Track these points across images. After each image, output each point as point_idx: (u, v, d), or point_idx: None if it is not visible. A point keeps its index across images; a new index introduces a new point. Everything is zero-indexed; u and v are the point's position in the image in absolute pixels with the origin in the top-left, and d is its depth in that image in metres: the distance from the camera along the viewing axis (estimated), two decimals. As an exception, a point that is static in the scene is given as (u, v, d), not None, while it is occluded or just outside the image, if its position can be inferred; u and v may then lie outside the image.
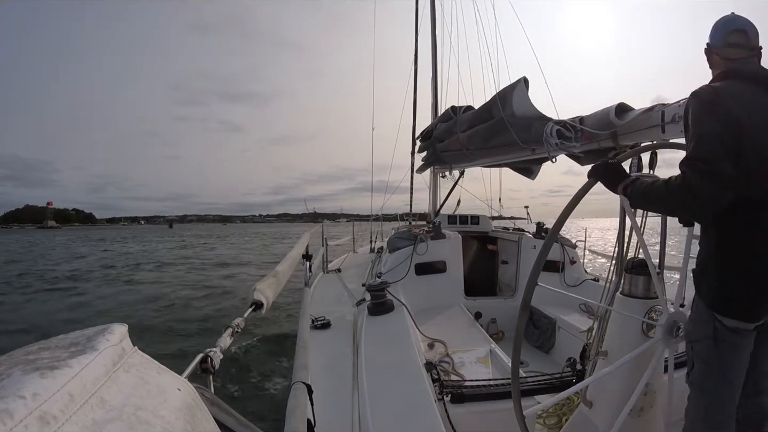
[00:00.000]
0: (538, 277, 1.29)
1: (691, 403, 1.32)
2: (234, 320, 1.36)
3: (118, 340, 0.55)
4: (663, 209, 1.30)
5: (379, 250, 4.72)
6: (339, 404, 1.68)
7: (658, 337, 1.42)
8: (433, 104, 6.16)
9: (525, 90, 2.70)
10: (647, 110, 1.68)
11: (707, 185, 1.08)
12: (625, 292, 1.61)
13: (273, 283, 1.85)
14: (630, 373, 1.48)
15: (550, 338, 3.34)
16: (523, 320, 1.34)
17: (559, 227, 1.36)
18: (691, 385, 1.31)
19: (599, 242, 16.46)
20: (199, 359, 1.07)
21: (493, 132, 2.96)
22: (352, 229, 6.29)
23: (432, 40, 6.14)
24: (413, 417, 1.50)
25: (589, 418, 1.68)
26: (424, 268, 3.56)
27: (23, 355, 0.48)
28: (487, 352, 2.46)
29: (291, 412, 0.89)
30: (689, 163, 1.12)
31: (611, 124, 1.82)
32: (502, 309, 3.88)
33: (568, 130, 2.08)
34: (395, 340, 2.22)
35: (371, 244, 6.26)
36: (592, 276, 3.94)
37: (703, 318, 1.25)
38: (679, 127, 1.53)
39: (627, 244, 1.81)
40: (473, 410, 1.86)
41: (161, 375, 0.58)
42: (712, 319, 1.21)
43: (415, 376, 1.77)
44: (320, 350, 2.17)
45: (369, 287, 2.81)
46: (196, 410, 0.58)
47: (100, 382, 0.47)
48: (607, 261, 3.46)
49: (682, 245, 1.49)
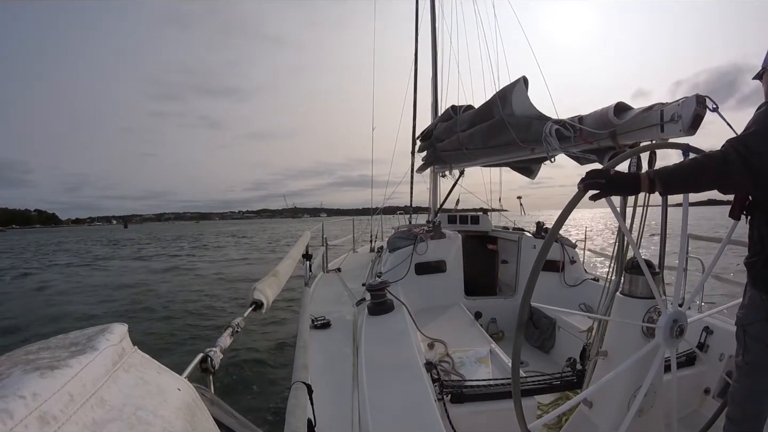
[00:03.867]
0: (537, 277, 1.29)
1: (739, 384, 1.46)
2: (234, 320, 1.36)
3: (118, 340, 0.55)
4: (699, 180, 1.34)
5: (379, 250, 4.72)
6: (339, 404, 1.68)
7: (659, 338, 1.42)
8: (432, 104, 6.16)
9: (524, 89, 2.70)
10: (646, 109, 1.68)
11: (740, 164, 1.22)
12: (624, 292, 1.61)
13: (273, 282, 1.85)
14: (630, 373, 1.48)
15: (550, 338, 3.34)
16: (523, 320, 1.34)
17: (559, 227, 1.35)
18: (744, 365, 1.44)
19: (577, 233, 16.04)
20: (199, 359, 1.07)
21: (493, 131, 2.96)
22: (352, 228, 6.28)
23: (432, 40, 6.14)
24: (413, 417, 1.50)
25: (589, 418, 1.68)
26: (424, 268, 3.56)
27: (23, 355, 0.48)
28: (487, 352, 2.46)
29: (291, 412, 0.89)
30: (735, 143, 1.26)
31: (610, 124, 1.82)
32: (502, 309, 3.88)
33: (567, 129, 2.08)
34: (395, 340, 2.22)
35: (371, 243, 6.26)
36: (592, 276, 3.94)
37: (756, 303, 1.41)
38: (677, 127, 1.53)
39: (627, 244, 1.81)
40: (473, 410, 1.86)
41: (161, 375, 0.58)
42: (766, 303, 1.37)
43: (415, 376, 1.77)
44: (320, 350, 2.17)
45: (369, 287, 2.81)
46: (196, 410, 0.58)
47: (100, 382, 0.47)
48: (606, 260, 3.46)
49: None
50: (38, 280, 13.93)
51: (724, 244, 1.67)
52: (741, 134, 1.31)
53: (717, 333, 2.31)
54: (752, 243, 1.44)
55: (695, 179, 1.31)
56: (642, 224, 1.71)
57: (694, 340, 2.35)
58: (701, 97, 1.47)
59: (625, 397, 1.48)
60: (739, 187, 1.36)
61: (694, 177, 1.31)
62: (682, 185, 1.37)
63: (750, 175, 1.23)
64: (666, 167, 1.33)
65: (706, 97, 1.47)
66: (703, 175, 1.28)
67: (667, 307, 1.45)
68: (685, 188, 1.40)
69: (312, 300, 3.06)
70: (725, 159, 1.23)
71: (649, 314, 1.50)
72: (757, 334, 1.41)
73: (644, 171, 1.40)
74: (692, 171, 1.30)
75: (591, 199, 1.33)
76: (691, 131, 1.51)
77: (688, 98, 1.50)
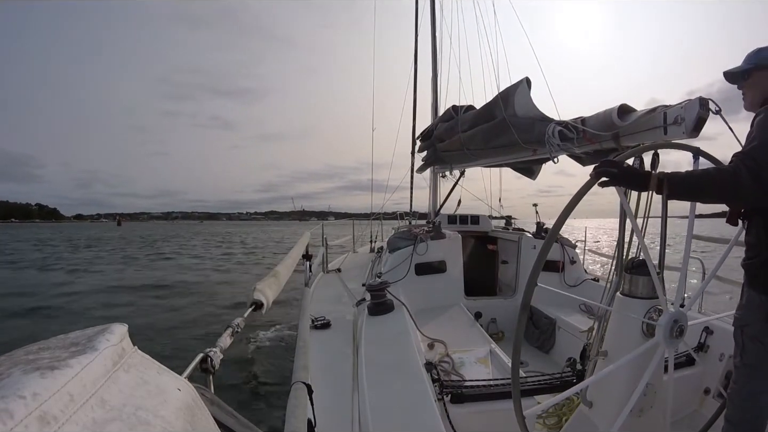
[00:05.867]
0: (537, 277, 1.29)
1: (738, 384, 1.46)
2: (234, 320, 1.36)
3: (118, 340, 0.55)
4: (706, 193, 1.36)
5: (379, 250, 4.72)
6: (339, 404, 1.68)
7: (659, 338, 1.42)
8: (433, 104, 6.15)
9: (527, 90, 2.69)
10: (649, 111, 1.68)
11: (750, 181, 1.23)
12: (625, 292, 1.60)
13: (273, 283, 1.85)
14: (630, 373, 1.48)
15: (550, 338, 3.34)
16: (523, 320, 1.34)
17: (559, 227, 1.35)
18: (742, 366, 1.45)
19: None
20: (199, 359, 1.07)
21: (495, 132, 2.95)
22: (352, 229, 6.28)
23: (432, 40, 6.15)
24: (413, 417, 1.50)
25: (589, 418, 1.68)
26: (424, 268, 3.56)
27: (23, 355, 0.48)
28: (487, 352, 2.46)
29: (291, 412, 0.89)
30: (743, 157, 1.26)
31: (613, 125, 1.82)
32: (502, 309, 3.88)
33: (570, 131, 2.08)
34: (395, 340, 2.22)
35: (371, 244, 6.26)
36: (592, 276, 3.94)
37: (754, 303, 1.42)
38: (680, 129, 1.52)
39: (627, 244, 1.80)
40: (473, 410, 1.86)
41: (161, 375, 0.58)
42: (764, 304, 1.38)
43: (415, 376, 1.77)
44: (320, 350, 2.17)
45: (369, 287, 2.81)
46: (196, 410, 0.58)
47: (100, 382, 0.47)
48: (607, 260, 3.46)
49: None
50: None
51: (730, 248, 1.67)
52: (747, 148, 1.31)
53: (717, 333, 2.31)
54: (749, 245, 1.46)
55: (703, 191, 1.33)
56: (644, 224, 1.71)
57: (694, 342, 2.35)
58: (704, 99, 1.47)
59: (625, 397, 1.47)
60: (747, 202, 1.38)
61: (702, 189, 1.32)
62: (689, 194, 1.38)
63: (760, 188, 1.23)
64: (677, 173, 1.33)
65: (710, 100, 1.47)
66: (711, 188, 1.30)
67: (668, 307, 1.45)
68: (691, 197, 1.42)
69: (312, 300, 3.06)
70: (736, 175, 1.24)
71: (649, 314, 1.50)
72: (754, 334, 1.42)
73: (655, 172, 1.41)
74: (701, 183, 1.30)
75: (600, 185, 1.34)
76: (694, 134, 1.51)
77: (692, 101, 1.50)
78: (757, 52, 1.47)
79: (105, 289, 10.53)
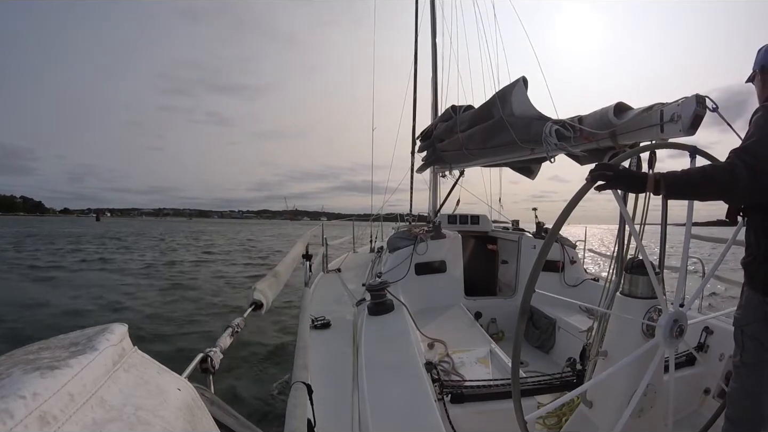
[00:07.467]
0: (537, 277, 1.29)
1: (738, 384, 1.46)
2: (234, 320, 1.36)
3: (118, 340, 0.55)
4: (704, 190, 1.37)
5: (379, 250, 4.71)
6: (339, 404, 1.68)
7: (659, 338, 1.43)
8: (433, 104, 6.15)
9: (524, 90, 2.70)
10: (646, 109, 1.68)
11: (747, 176, 1.22)
12: (624, 292, 1.61)
13: (273, 283, 1.85)
14: (630, 373, 1.48)
15: (550, 338, 3.34)
16: (523, 320, 1.34)
17: (559, 227, 1.36)
18: (742, 366, 1.45)
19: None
20: (199, 359, 1.07)
21: (493, 132, 2.96)
22: (352, 229, 6.28)
23: (432, 40, 6.14)
24: (413, 417, 1.50)
25: (589, 418, 1.68)
26: (424, 268, 3.56)
27: (23, 355, 0.48)
28: (487, 352, 2.46)
29: (291, 412, 0.89)
30: (740, 153, 1.26)
31: (610, 124, 1.82)
32: (502, 309, 3.87)
33: (567, 129, 2.08)
34: (395, 340, 2.22)
35: (371, 244, 6.25)
36: (592, 276, 3.94)
37: (753, 303, 1.42)
38: (677, 127, 1.53)
39: (627, 244, 1.81)
40: (473, 410, 1.86)
41: (161, 375, 0.58)
42: (763, 303, 1.38)
43: (415, 376, 1.77)
44: (320, 350, 2.17)
45: (369, 287, 2.80)
46: (196, 410, 0.58)
47: (100, 382, 0.47)
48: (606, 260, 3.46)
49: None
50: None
51: (728, 247, 1.67)
52: (745, 144, 1.31)
53: (717, 333, 2.31)
54: (749, 244, 1.46)
55: (700, 188, 1.33)
56: (642, 226, 1.71)
57: (694, 341, 2.35)
58: (701, 97, 1.47)
59: (625, 397, 1.48)
60: (744, 198, 1.38)
61: (699, 186, 1.32)
62: (687, 192, 1.38)
63: (758, 184, 1.23)
64: (673, 172, 1.34)
65: (706, 97, 1.47)
66: (708, 185, 1.30)
67: (668, 307, 1.45)
68: (689, 195, 1.42)
69: (312, 300, 3.06)
70: (733, 172, 1.24)
71: (649, 314, 1.51)
72: (754, 334, 1.42)
73: (652, 172, 1.41)
74: (698, 180, 1.31)
75: (596, 189, 1.35)
76: (691, 131, 1.51)
77: (688, 98, 1.50)
78: (765, 52, 1.49)
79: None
